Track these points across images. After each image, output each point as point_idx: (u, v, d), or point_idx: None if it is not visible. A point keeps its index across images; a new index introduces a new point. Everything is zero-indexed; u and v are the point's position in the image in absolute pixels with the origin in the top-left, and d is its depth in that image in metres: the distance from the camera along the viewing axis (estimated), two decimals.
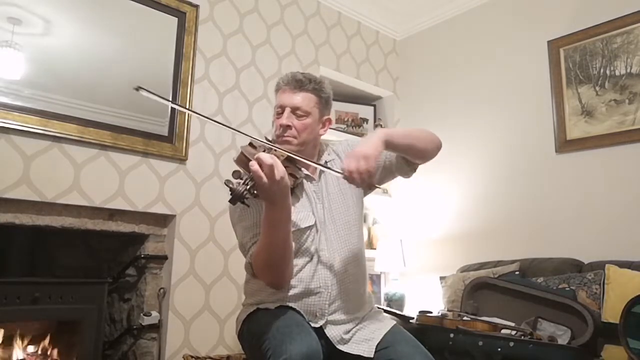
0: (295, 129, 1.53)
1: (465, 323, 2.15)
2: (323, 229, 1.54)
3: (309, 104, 1.55)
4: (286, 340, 1.29)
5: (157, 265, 2.59)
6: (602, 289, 2.22)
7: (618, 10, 2.71)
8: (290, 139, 1.53)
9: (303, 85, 1.56)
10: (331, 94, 1.64)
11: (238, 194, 1.23)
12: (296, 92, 1.55)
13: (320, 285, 1.49)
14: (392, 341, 1.46)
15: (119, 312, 2.70)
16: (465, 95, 3.37)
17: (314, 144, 1.61)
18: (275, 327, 1.36)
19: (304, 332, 1.34)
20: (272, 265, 1.42)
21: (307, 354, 1.26)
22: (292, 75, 1.58)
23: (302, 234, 1.51)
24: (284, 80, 1.58)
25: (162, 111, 2.57)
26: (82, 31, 2.37)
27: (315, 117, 1.57)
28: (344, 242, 1.56)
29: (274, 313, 1.43)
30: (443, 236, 3.29)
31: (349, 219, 1.59)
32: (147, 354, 2.50)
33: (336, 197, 1.60)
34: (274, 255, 1.40)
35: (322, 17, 3.44)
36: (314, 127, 1.57)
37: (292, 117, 1.53)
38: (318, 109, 1.58)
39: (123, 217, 2.48)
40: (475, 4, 3.41)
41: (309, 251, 1.51)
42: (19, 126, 2.12)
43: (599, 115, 2.73)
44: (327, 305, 1.49)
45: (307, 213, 1.54)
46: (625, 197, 2.56)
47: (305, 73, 1.61)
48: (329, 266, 1.51)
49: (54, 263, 2.66)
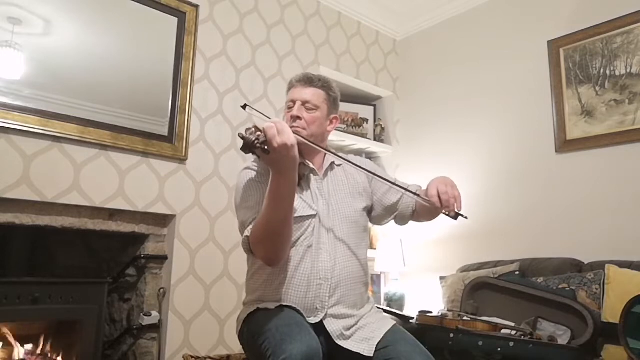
0: (305, 121, 1.59)
1: (465, 323, 2.15)
2: (324, 223, 1.56)
3: (318, 98, 1.62)
4: (286, 339, 1.29)
5: (157, 265, 2.59)
6: (602, 289, 2.21)
7: (618, 10, 2.71)
8: (300, 130, 1.57)
9: (313, 82, 1.64)
10: (339, 95, 1.71)
11: (249, 142, 1.24)
12: (307, 87, 1.63)
13: (321, 277, 1.51)
14: (392, 340, 1.47)
15: (119, 312, 2.70)
16: (465, 95, 3.37)
17: (322, 139, 1.65)
18: (274, 327, 1.36)
19: (304, 331, 1.34)
20: (269, 239, 1.42)
21: (307, 353, 1.26)
22: (304, 73, 1.69)
23: (303, 221, 1.53)
24: (295, 78, 1.67)
25: (162, 111, 2.57)
26: (82, 31, 2.37)
27: (324, 112, 1.64)
28: (344, 239, 1.58)
29: (274, 313, 1.44)
30: (443, 236, 3.29)
31: (350, 218, 1.61)
32: (147, 354, 2.50)
33: (340, 195, 1.63)
34: (273, 230, 1.40)
35: (322, 17, 3.44)
36: (322, 122, 1.63)
37: (302, 110, 1.60)
38: (327, 105, 1.65)
39: (123, 217, 2.48)
40: (475, 4, 3.41)
41: (309, 240, 1.53)
42: (19, 126, 2.12)
43: (599, 115, 2.73)
44: (327, 297, 1.50)
45: (310, 204, 1.56)
46: (625, 197, 2.56)
47: (316, 74, 1.70)
48: (329, 257, 1.53)
49: (54, 263, 2.66)
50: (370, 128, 3.73)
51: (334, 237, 1.57)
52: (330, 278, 1.51)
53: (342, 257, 1.56)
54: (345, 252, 1.57)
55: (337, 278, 1.53)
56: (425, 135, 3.58)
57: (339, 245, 1.57)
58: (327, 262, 1.53)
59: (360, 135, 3.61)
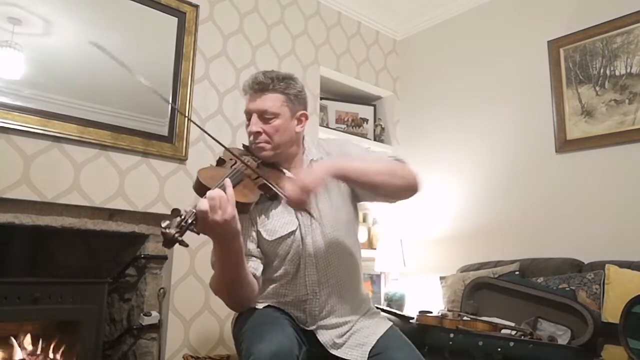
0: (267, 134, 1.48)
1: (465, 323, 2.15)
2: (309, 232, 1.50)
3: (275, 104, 1.48)
4: (257, 339, 1.27)
5: (157, 265, 2.59)
6: (602, 289, 2.21)
7: (618, 10, 2.71)
8: (263, 144, 1.49)
9: (266, 86, 1.49)
10: (301, 87, 1.56)
11: (169, 237, 1.11)
12: (260, 95, 1.49)
13: (308, 293, 1.47)
14: (386, 347, 1.44)
15: (119, 312, 2.69)
16: (465, 95, 3.37)
17: (292, 143, 1.55)
18: (251, 327, 1.35)
19: (276, 330, 1.31)
20: (225, 293, 1.41)
21: (276, 352, 1.23)
22: (253, 78, 1.51)
23: (285, 239, 1.47)
24: (247, 85, 1.52)
25: (162, 111, 2.57)
26: (82, 31, 2.37)
27: (286, 116, 1.50)
28: (333, 244, 1.52)
29: (258, 312, 1.42)
30: (443, 236, 3.29)
31: (337, 219, 1.54)
32: (147, 354, 2.50)
33: (322, 199, 1.53)
34: (226, 287, 1.38)
35: (322, 17, 3.44)
36: (286, 127, 1.50)
37: (259, 123, 1.48)
38: (287, 107, 1.51)
39: (123, 217, 2.48)
40: (475, 4, 3.41)
41: (296, 257, 1.48)
42: (19, 126, 2.12)
43: (599, 115, 2.73)
44: (316, 312, 1.48)
45: (291, 218, 1.50)
46: (625, 197, 2.56)
47: (268, 72, 1.53)
48: (317, 270, 1.49)
49: (54, 263, 2.66)
50: (370, 128, 3.73)
51: (321, 245, 1.50)
52: (319, 292, 1.48)
53: (331, 264, 1.50)
54: (334, 259, 1.51)
55: (328, 290, 1.49)
56: (425, 135, 3.58)
57: (327, 252, 1.50)
58: (314, 275, 1.48)
59: (360, 135, 3.61)
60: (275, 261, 1.49)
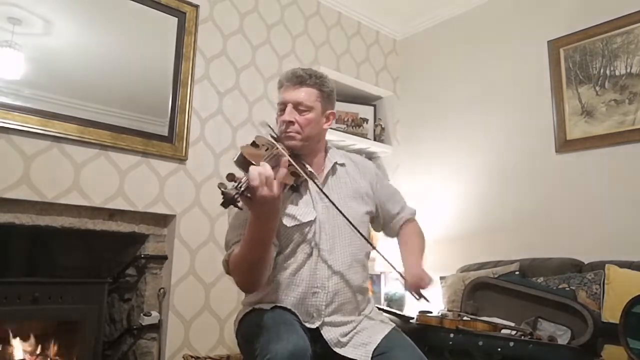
0: (299, 124, 1.53)
1: (465, 323, 2.14)
2: (324, 228, 1.53)
3: (310, 98, 1.55)
4: (273, 339, 1.28)
5: (157, 265, 2.59)
6: (602, 289, 2.21)
7: (618, 10, 2.71)
8: (294, 134, 1.53)
9: (304, 80, 1.56)
10: (334, 88, 1.64)
11: (229, 197, 1.17)
12: (297, 88, 1.55)
13: (318, 285, 1.49)
14: (389, 346, 1.46)
15: (119, 312, 2.70)
16: (465, 95, 3.37)
17: (319, 138, 1.61)
18: (264, 327, 1.36)
19: (291, 330, 1.33)
20: (245, 271, 1.40)
21: (293, 352, 1.25)
22: (292, 71, 1.59)
23: (303, 228, 1.51)
24: (285, 77, 1.59)
25: (162, 111, 2.57)
26: (82, 31, 2.37)
27: (318, 111, 1.57)
28: (345, 242, 1.55)
29: (267, 313, 1.43)
30: (443, 236, 3.29)
31: (354, 218, 1.56)
32: (147, 354, 2.50)
33: (341, 198, 1.58)
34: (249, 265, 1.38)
35: (322, 17, 3.44)
36: (317, 122, 1.57)
37: (294, 113, 1.53)
38: (320, 103, 1.57)
39: (123, 217, 2.48)
40: (475, 4, 3.41)
41: (309, 247, 1.51)
42: (19, 126, 2.12)
43: (599, 115, 2.73)
44: (323, 306, 1.49)
45: (309, 209, 1.53)
46: (625, 197, 2.56)
47: (306, 69, 1.60)
48: (327, 266, 1.51)
49: (54, 263, 2.66)
50: (370, 128, 3.72)
51: (334, 242, 1.53)
52: (328, 287, 1.49)
53: (341, 263, 1.53)
54: (345, 258, 1.54)
55: (335, 287, 1.50)
56: (425, 135, 3.58)
57: (339, 250, 1.53)
58: (325, 270, 1.50)
59: (360, 135, 3.61)
60: (289, 248, 1.51)
